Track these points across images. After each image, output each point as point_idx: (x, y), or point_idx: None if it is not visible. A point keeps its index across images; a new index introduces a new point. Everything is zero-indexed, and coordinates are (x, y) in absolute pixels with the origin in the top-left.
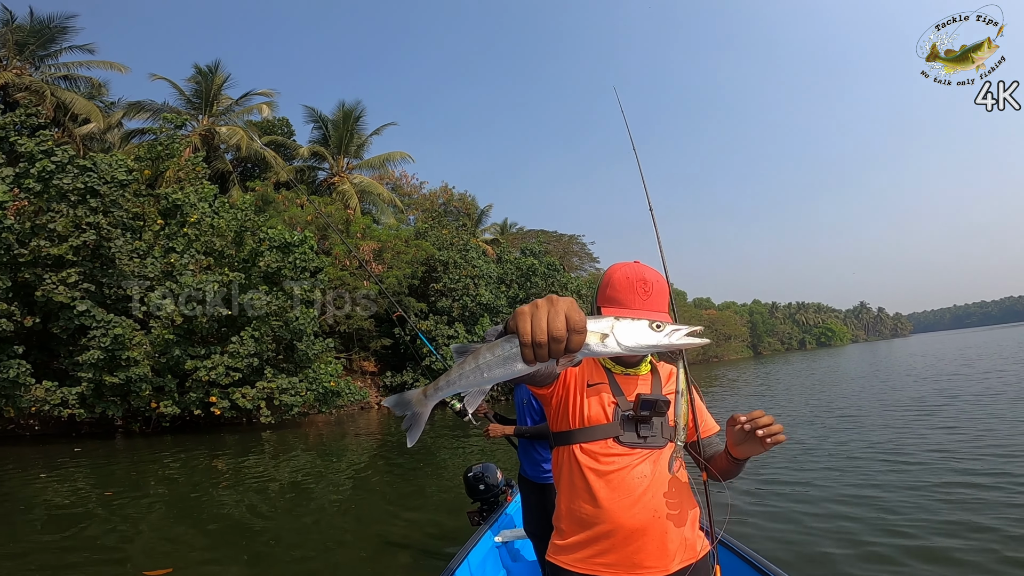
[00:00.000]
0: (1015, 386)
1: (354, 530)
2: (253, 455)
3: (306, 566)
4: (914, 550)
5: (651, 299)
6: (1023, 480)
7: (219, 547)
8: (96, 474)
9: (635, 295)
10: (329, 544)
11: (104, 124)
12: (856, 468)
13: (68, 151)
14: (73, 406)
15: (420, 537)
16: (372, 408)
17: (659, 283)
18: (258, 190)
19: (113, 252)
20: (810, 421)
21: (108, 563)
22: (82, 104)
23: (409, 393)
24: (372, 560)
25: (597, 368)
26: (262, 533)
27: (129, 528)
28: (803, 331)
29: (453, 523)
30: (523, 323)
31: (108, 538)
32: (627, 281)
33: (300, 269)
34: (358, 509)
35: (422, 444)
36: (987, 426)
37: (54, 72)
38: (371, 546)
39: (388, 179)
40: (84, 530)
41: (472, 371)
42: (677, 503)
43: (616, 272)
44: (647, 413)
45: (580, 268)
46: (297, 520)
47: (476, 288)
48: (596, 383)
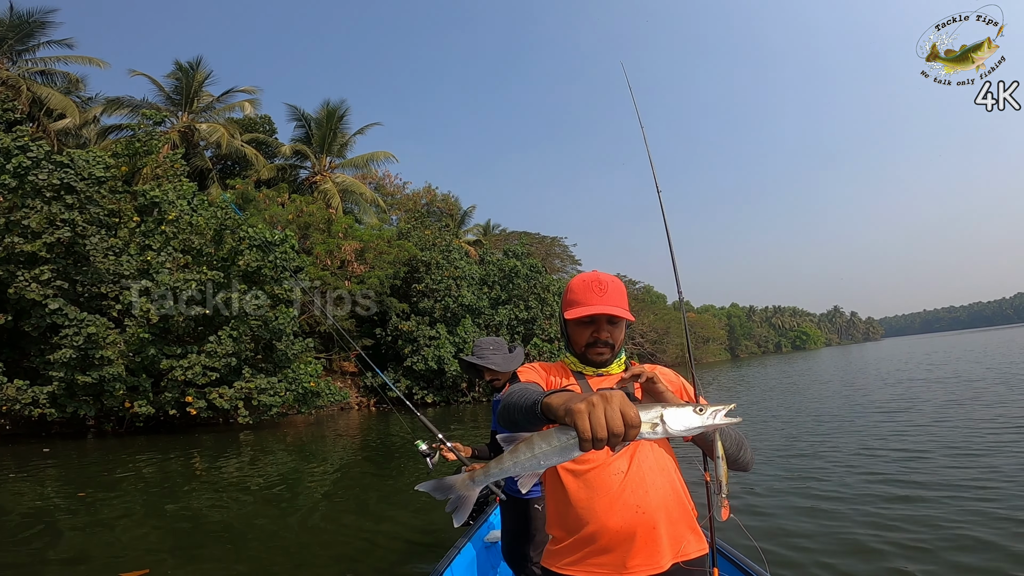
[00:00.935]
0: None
1: (336, 532)
2: (231, 456)
3: (286, 569)
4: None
5: (607, 295)
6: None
7: (196, 548)
8: (67, 475)
9: (592, 293)
10: (310, 546)
11: (80, 120)
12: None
13: (44, 147)
14: (44, 405)
15: (405, 539)
16: (352, 409)
17: (614, 283)
18: (238, 188)
19: (88, 249)
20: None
21: (81, 563)
22: (58, 99)
23: (452, 478)
24: (354, 560)
25: (566, 373)
26: (240, 535)
27: (103, 529)
28: (779, 334)
29: (437, 526)
30: (582, 422)
31: (81, 539)
32: (584, 284)
33: (281, 268)
34: (339, 511)
35: (403, 447)
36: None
37: (31, 67)
38: (354, 549)
39: (371, 179)
40: (56, 531)
41: (528, 460)
42: (662, 496)
43: (575, 280)
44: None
45: (562, 270)
46: (278, 521)
47: (458, 289)
48: (567, 387)
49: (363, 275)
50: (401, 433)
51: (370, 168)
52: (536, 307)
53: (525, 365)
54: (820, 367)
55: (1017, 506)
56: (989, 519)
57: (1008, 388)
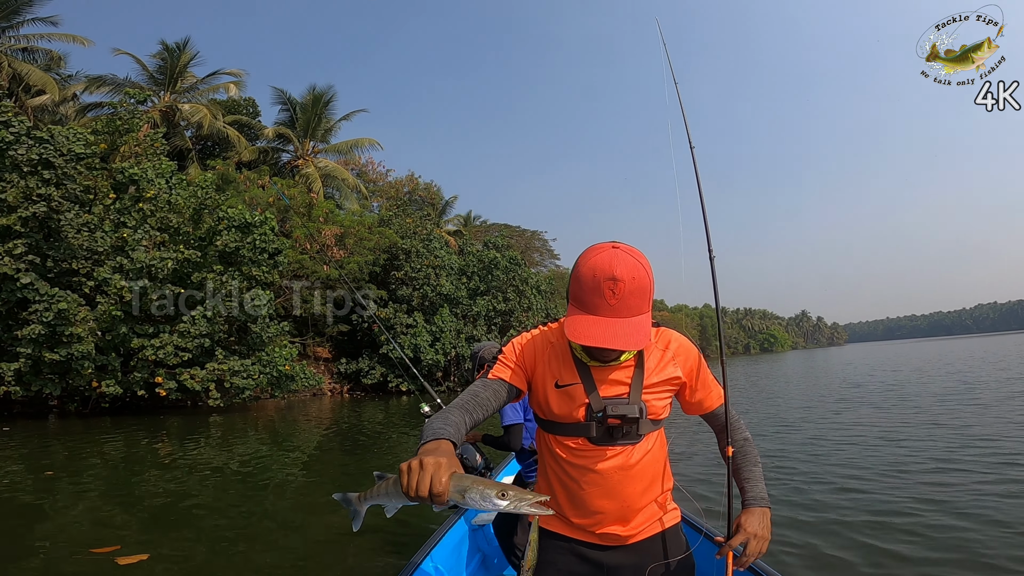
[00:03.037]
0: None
1: (318, 515)
2: (200, 439)
3: (269, 555)
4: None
5: (620, 303)
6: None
7: (169, 531)
8: (32, 454)
9: (600, 298)
10: (291, 530)
11: (59, 97)
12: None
13: (25, 122)
14: (9, 383)
15: (389, 521)
16: (325, 395)
17: (634, 280)
18: (218, 169)
19: (63, 225)
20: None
21: (60, 543)
22: (38, 76)
23: (352, 495)
24: (336, 544)
25: (568, 365)
26: (215, 520)
27: (77, 510)
28: (749, 336)
29: (423, 510)
30: (403, 479)
31: (58, 519)
32: (594, 280)
33: (260, 250)
34: (319, 493)
35: (380, 431)
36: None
37: (14, 44)
38: (334, 531)
39: (354, 165)
40: (30, 511)
41: (383, 493)
42: (648, 486)
43: (585, 264)
44: (617, 421)
45: (541, 264)
46: (258, 505)
47: (437, 278)
48: (567, 384)
49: (342, 260)
50: (380, 419)
51: (354, 154)
52: (514, 299)
53: (514, 341)
54: (786, 370)
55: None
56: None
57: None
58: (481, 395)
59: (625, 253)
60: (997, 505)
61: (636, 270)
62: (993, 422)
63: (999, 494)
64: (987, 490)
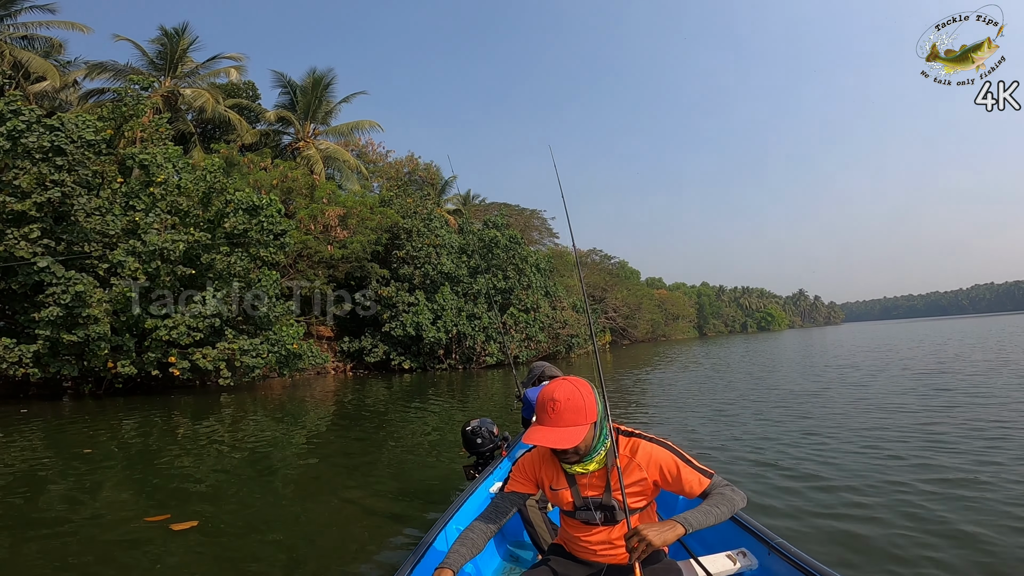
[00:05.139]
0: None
1: (353, 478)
2: (216, 417)
3: (310, 516)
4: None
5: (558, 417)
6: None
7: (210, 501)
8: (60, 435)
9: (544, 414)
10: (326, 495)
11: (60, 83)
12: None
13: (36, 111)
14: (27, 365)
15: (412, 492)
16: (328, 374)
17: (570, 400)
18: (223, 152)
19: (75, 209)
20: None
21: (117, 510)
22: (38, 63)
23: None
24: (370, 507)
25: (557, 471)
26: (252, 490)
27: (116, 484)
28: (746, 314)
29: (437, 480)
30: None
31: (108, 490)
32: (541, 400)
33: (267, 232)
34: (344, 470)
35: (386, 408)
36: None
37: (13, 32)
38: (369, 496)
39: (354, 147)
40: (80, 484)
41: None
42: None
43: (540, 393)
44: (597, 511)
45: (540, 242)
46: (290, 474)
47: (438, 257)
48: (559, 488)
49: (345, 240)
50: (385, 397)
51: (354, 136)
52: (514, 277)
53: (520, 461)
54: (781, 349)
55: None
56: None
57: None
58: (500, 505)
59: (568, 382)
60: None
61: (571, 394)
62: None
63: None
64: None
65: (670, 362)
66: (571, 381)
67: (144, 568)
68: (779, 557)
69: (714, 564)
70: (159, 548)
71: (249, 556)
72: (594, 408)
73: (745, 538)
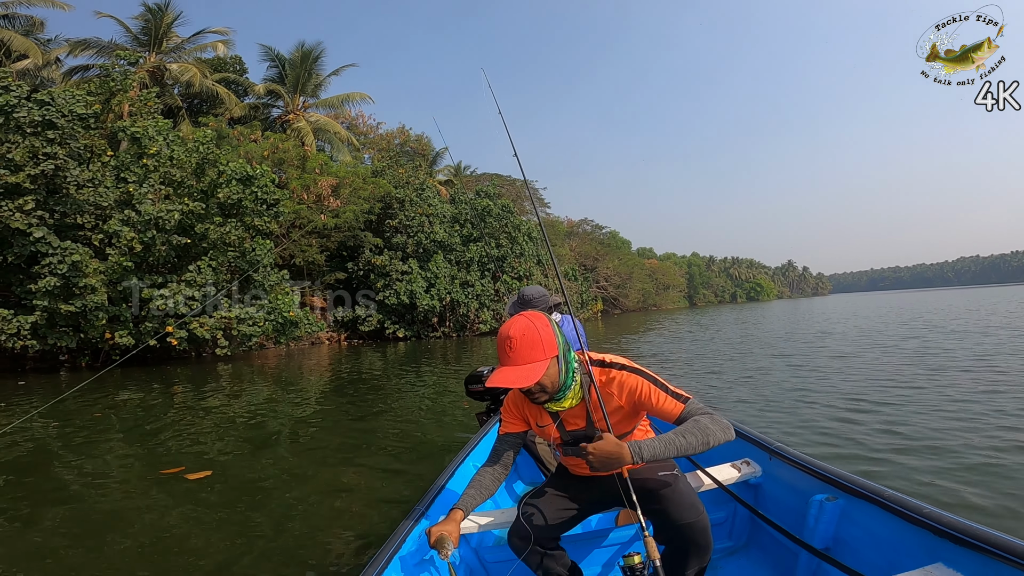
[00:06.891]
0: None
1: (365, 439)
2: (214, 384)
3: (320, 468)
4: None
5: (516, 355)
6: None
7: (222, 454)
8: (63, 403)
9: (503, 354)
10: (336, 451)
11: (42, 60)
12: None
13: (24, 87)
14: (25, 337)
15: (439, 433)
16: (322, 344)
17: (525, 336)
18: (212, 125)
19: (68, 181)
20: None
21: (134, 468)
22: (19, 41)
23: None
24: (389, 458)
25: (542, 411)
26: (263, 444)
27: (129, 442)
28: (735, 285)
29: (441, 436)
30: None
31: (126, 447)
32: (499, 343)
33: (260, 201)
34: (349, 431)
35: (384, 373)
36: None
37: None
38: (384, 454)
39: (344, 119)
40: (91, 446)
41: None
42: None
43: (498, 333)
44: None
45: (531, 212)
46: (297, 433)
47: (431, 226)
48: (544, 425)
49: (338, 210)
50: (379, 366)
51: (344, 108)
52: (507, 245)
53: (507, 402)
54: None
55: None
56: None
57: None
58: (499, 448)
59: (523, 317)
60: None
61: (526, 328)
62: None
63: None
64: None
65: (660, 329)
66: (527, 315)
67: (165, 507)
68: (780, 460)
69: (719, 473)
70: (177, 495)
71: (262, 505)
72: (552, 341)
73: (748, 448)
